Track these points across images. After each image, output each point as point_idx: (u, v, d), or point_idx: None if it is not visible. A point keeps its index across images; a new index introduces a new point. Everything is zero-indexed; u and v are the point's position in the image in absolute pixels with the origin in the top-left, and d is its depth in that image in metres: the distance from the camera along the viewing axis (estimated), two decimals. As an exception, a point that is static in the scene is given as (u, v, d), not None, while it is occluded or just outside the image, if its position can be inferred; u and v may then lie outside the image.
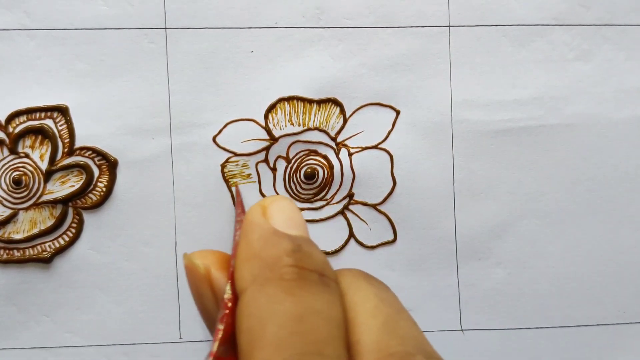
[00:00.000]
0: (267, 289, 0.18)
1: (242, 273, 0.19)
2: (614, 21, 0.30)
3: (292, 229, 0.19)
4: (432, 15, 0.30)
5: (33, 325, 0.29)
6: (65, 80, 0.29)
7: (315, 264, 0.19)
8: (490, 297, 0.31)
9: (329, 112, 0.30)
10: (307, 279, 0.18)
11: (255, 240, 0.19)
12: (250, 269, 0.18)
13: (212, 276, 0.20)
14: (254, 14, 0.29)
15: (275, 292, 0.17)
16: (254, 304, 0.17)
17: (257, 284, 0.18)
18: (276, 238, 0.19)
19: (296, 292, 0.17)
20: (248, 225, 0.20)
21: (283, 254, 0.18)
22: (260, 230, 0.19)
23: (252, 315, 0.17)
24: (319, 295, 0.18)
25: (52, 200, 0.29)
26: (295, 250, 0.18)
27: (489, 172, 0.30)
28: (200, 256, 0.21)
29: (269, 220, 0.20)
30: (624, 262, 0.31)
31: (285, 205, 0.20)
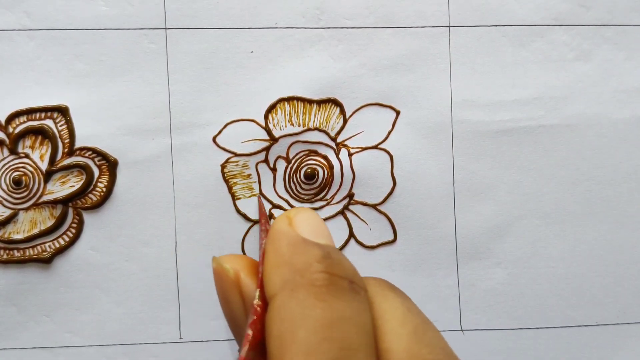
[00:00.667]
0: (297, 294, 0.18)
1: (272, 279, 0.19)
2: (613, 21, 0.30)
3: (319, 238, 0.20)
4: (432, 15, 0.30)
5: (33, 325, 0.29)
6: (65, 80, 0.29)
7: (345, 271, 0.19)
8: (490, 297, 0.31)
9: (329, 112, 0.30)
10: (337, 285, 0.18)
11: (284, 248, 0.19)
12: (280, 275, 0.18)
13: (241, 281, 0.20)
14: (254, 14, 0.29)
15: (306, 297, 0.18)
16: (285, 309, 0.18)
17: (288, 289, 0.18)
18: (305, 245, 0.19)
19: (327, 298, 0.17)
20: (276, 234, 0.20)
21: (313, 260, 0.18)
22: (289, 238, 0.19)
23: (283, 320, 0.17)
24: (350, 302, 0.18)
25: (52, 200, 0.29)
26: (325, 257, 0.19)
27: (489, 172, 0.30)
28: (230, 260, 0.21)
29: (296, 229, 0.20)
30: (624, 262, 0.31)
31: (311, 216, 0.21)
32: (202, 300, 0.30)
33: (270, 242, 0.20)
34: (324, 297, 0.18)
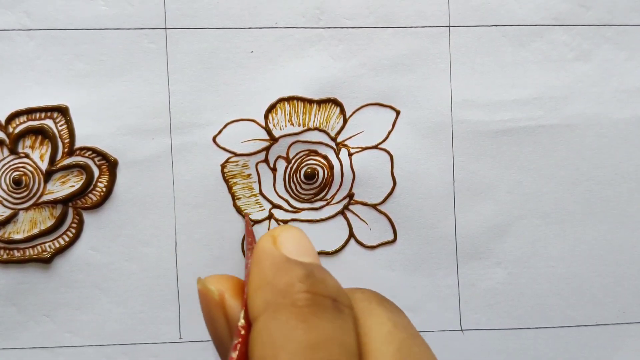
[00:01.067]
0: (279, 316, 0.17)
1: (255, 300, 0.18)
2: (614, 21, 0.30)
3: (303, 256, 0.19)
4: (432, 15, 0.30)
5: (33, 325, 0.29)
6: (65, 80, 0.29)
7: (328, 289, 0.18)
8: (490, 297, 0.31)
9: (329, 112, 0.30)
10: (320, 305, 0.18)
11: (267, 268, 0.19)
12: (262, 296, 0.18)
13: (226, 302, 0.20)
14: (254, 14, 0.29)
15: (288, 318, 0.17)
16: (267, 332, 0.17)
17: (270, 311, 0.18)
18: (288, 265, 0.19)
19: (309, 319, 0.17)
20: (259, 254, 0.20)
21: (295, 280, 0.18)
22: (272, 258, 0.19)
23: (265, 343, 0.17)
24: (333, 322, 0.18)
25: (52, 200, 0.29)
26: (308, 276, 0.18)
27: (489, 172, 0.30)
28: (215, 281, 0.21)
29: (280, 248, 0.19)
30: (624, 262, 0.31)
31: (295, 234, 0.20)
32: (202, 300, 0.30)
33: (254, 262, 0.19)
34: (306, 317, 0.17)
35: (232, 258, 0.30)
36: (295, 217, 0.30)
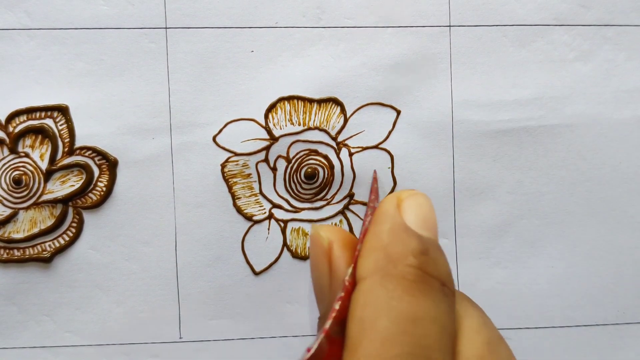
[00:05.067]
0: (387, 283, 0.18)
1: (366, 262, 0.19)
2: (614, 21, 0.30)
3: (423, 230, 0.19)
4: (433, 15, 0.30)
5: (33, 325, 0.29)
6: (65, 80, 0.29)
7: (439, 271, 0.18)
8: (490, 297, 0.31)
9: (329, 111, 0.30)
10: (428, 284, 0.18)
11: (384, 232, 0.19)
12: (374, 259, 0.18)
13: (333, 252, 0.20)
14: (254, 14, 0.29)
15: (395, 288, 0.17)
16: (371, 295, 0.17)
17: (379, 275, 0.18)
18: (406, 235, 0.19)
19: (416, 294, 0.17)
20: (380, 215, 0.19)
21: (409, 253, 0.18)
22: (392, 224, 0.19)
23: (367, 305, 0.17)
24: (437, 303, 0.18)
25: (52, 199, 0.29)
26: (423, 252, 0.18)
27: (489, 172, 0.30)
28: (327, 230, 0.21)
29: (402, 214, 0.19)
30: (623, 262, 0.31)
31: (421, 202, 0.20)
32: (202, 300, 0.30)
33: (374, 222, 0.19)
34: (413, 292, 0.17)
35: (232, 258, 0.30)
36: (296, 217, 0.30)
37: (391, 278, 0.18)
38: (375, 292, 0.17)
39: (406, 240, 0.19)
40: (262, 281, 0.30)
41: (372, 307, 0.17)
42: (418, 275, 0.18)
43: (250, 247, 0.30)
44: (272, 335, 0.30)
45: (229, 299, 0.30)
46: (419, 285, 0.18)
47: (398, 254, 0.18)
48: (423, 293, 0.18)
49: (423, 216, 0.20)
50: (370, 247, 0.19)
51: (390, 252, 0.18)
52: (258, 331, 0.30)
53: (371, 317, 0.17)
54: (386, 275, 0.18)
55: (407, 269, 0.18)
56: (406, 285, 0.18)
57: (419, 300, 0.17)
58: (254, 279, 0.30)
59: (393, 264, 0.18)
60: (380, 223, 0.19)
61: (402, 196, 0.20)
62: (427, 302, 0.17)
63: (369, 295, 0.18)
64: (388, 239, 0.19)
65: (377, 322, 0.17)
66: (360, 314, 0.17)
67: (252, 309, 0.30)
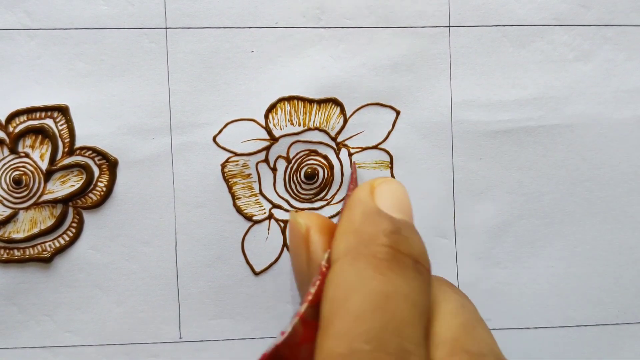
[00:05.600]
0: (358, 263, 0.18)
1: (338, 244, 0.19)
2: (614, 21, 0.30)
3: (396, 212, 0.19)
4: (432, 15, 0.30)
5: (33, 325, 0.29)
6: (65, 80, 0.29)
7: (411, 249, 0.19)
8: (489, 297, 0.31)
9: (329, 112, 0.30)
10: (400, 261, 0.18)
11: (356, 215, 0.19)
12: (346, 241, 0.19)
13: (310, 237, 0.20)
14: (254, 14, 0.29)
15: (365, 267, 0.18)
16: (343, 275, 0.18)
17: (350, 256, 0.18)
18: (377, 217, 0.19)
19: (386, 273, 0.17)
20: (353, 201, 0.20)
21: (381, 233, 0.18)
22: (364, 207, 0.19)
23: (339, 285, 0.17)
24: (410, 280, 0.18)
25: (52, 200, 0.29)
26: (394, 232, 0.18)
27: (489, 172, 0.30)
28: (305, 217, 0.21)
29: (375, 199, 0.20)
30: (623, 262, 0.31)
31: (394, 188, 0.20)
32: (202, 300, 0.30)
33: (347, 207, 0.20)
34: (384, 271, 0.18)
35: (232, 258, 0.30)
36: (296, 217, 0.30)
37: (362, 257, 0.18)
38: (347, 272, 0.18)
39: (377, 221, 0.19)
40: (262, 281, 0.30)
41: (344, 287, 0.17)
42: (389, 253, 0.18)
43: (250, 247, 0.30)
44: (272, 336, 0.30)
45: (229, 299, 0.30)
46: (389, 264, 0.18)
47: (369, 234, 0.18)
48: (394, 271, 0.18)
49: (396, 200, 0.20)
50: (343, 231, 0.19)
51: (361, 233, 0.18)
52: (258, 331, 0.30)
53: (342, 297, 0.17)
54: (357, 255, 0.18)
55: (378, 247, 0.18)
56: (377, 263, 0.18)
57: (389, 278, 0.17)
58: (254, 279, 0.30)
59: (364, 244, 0.18)
60: (353, 207, 0.20)
61: (375, 183, 0.20)
62: (399, 279, 0.18)
63: (340, 276, 0.18)
64: (360, 221, 0.19)
65: (349, 301, 0.17)
66: (332, 293, 0.17)
67: (252, 309, 0.30)
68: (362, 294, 0.17)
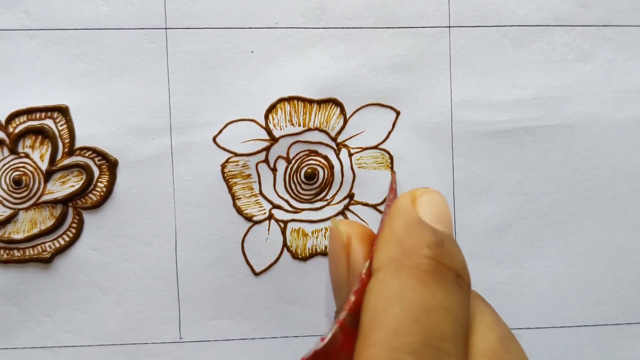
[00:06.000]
0: (400, 274, 0.18)
1: (380, 254, 0.19)
2: (614, 22, 0.30)
3: (438, 224, 0.19)
4: (432, 15, 0.30)
5: (33, 325, 0.29)
6: (65, 80, 0.29)
7: (454, 263, 0.19)
8: (489, 297, 0.30)
9: (329, 112, 0.30)
10: (442, 274, 0.18)
11: (399, 226, 0.19)
12: (388, 251, 0.19)
13: (351, 246, 0.20)
14: (254, 14, 0.29)
15: (408, 278, 0.18)
16: (385, 285, 0.18)
17: (392, 266, 0.18)
18: (420, 227, 0.19)
19: (429, 284, 0.17)
20: (396, 210, 0.20)
21: (424, 244, 0.18)
22: (406, 217, 0.19)
23: (381, 294, 0.17)
24: (451, 294, 0.18)
25: (52, 200, 0.29)
26: (437, 244, 0.18)
27: (489, 172, 0.30)
28: (346, 224, 0.21)
29: (417, 209, 0.20)
30: (623, 262, 0.31)
31: (436, 199, 0.20)
32: (202, 300, 0.30)
33: (389, 217, 0.20)
34: (426, 282, 0.17)
35: (232, 258, 0.30)
36: (296, 218, 0.30)
37: (405, 268, 0.18)
38: (389, 282, 0.18)
39: (421, 233, 0.19)
40: (262, 281, 0.30)
41: (385, 297, 0.17)
42: (432, 265, 0.18)
43: (250, 247, 0.30)
44: (272, 336, 0.30)
45: (229, 299, 0.30)
46: (432, 276, 0.18)
47: (412, 245, 0.18)
48: (437, 283, 0.18)
49: (438, 211, 0.20)
50: (385, 240, 0.19)
51: (404, 244, 0.18)
52: (258, 331, 0.30)
53: (384, 306, 0.17)
54: (400, 266, 0.18)
55: (422, 259, 0.18)
56: (419, 275, 0.18)
57: (432, 290, 0.17)
58: (254, 279, 0.30)
59: (407, 255, 0.18)
60: (395, 217, 0.19)
61: (416, 193, 0.20)
62: (441, 292, 0.17)
63: (382, 285, 0.18)
64: (403, 232, 0.19)
65: (390, 311, 0.17)
66: (373, 303, 0.17)
67: (252, 309, 0.30)
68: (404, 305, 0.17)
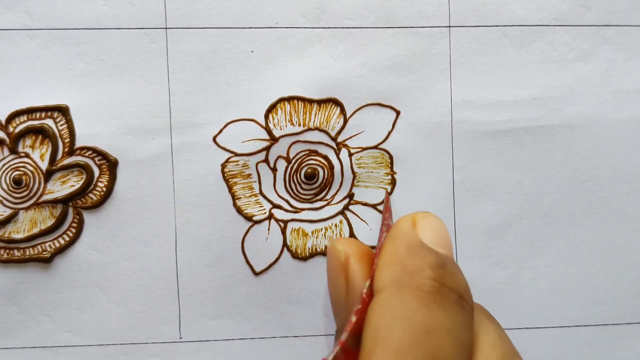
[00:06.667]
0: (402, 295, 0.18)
1: (382, 274, 0.19)
2: (614, 22, 0.30)
3: (439, 247, 0.20)
4: (433, 15, 0.30)
5: (33, 325, 0.29)
6: (65, 80, 0.29)
7: (456, 284, 0.19)
8: (489, 297, 0.31)
9: (329, 112, 0.30)
10: (445, 296, 0.18)
11: (401, 247, 0.19)
12: (391, 271, 0.19)
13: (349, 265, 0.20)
14: (254, 14, 0.29)
15: (410, 299, 0.18)
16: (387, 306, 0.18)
17: (395, 287, 0.18)
18: (422, 250, 0.19)
19: (431, 306, 0.17)
20: (397, 232, 0.20)
21: (426, 266, 0.18)
22: (408, 240, 0.19)
23: (382, 316, 0.17)
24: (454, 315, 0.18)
25: (52, 200, 0.29)
26: (440, 265, 0.19)
27: (488, 172, 0.30)
28: (344, 243, 0.21)
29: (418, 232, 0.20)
30: (623, 262, 0.31)
31: (436, 223, 0.20)
32: (202, 300, 0.30)
33: (390, 239, 0.20)
34: (429, 304, 0.17)
35: (232, 258, 0.30)
36: (296, 217, 0.30)
37: (407, 289, 0.18)
38: (391, 303, 0.18)
39: (423, 254, 0.19)
40: (262, 281, 0.30)
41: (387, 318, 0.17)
42: (434, 287, 0.18)
43: (250, 247, 0.30)
44: (272, 335, 0.30)
45: (229, 299, 0.30)
46: (435, 297, 0.18)
47: (415, 266, 0.18)
48: (439, 304, 0.18)
49: (439, 235, 0.20)
50: (387, 261, 0.19)
51: (406, 265, 0.18)
52: (258, 331, 0.30)
53: (386, 327, 0.17)
54: (402, 287, 0.18)
55: (424, 280, 0.18)
56: (422, 296, 0.18)
57: (434, 311, 0.17)
58: (254, 279, 0.30)
59: (409, 276, 0.18)
60: (397, 238, 0.20)
61: (417, 217, 0.20)
62: (443, 313, 0.17)
63: (385, 306, 0.18)
64: (405, 253, 0.19)
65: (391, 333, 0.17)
66: (375, 324, 0.17)
67: (252, 309, 0.30)
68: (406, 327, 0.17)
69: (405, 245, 0.19)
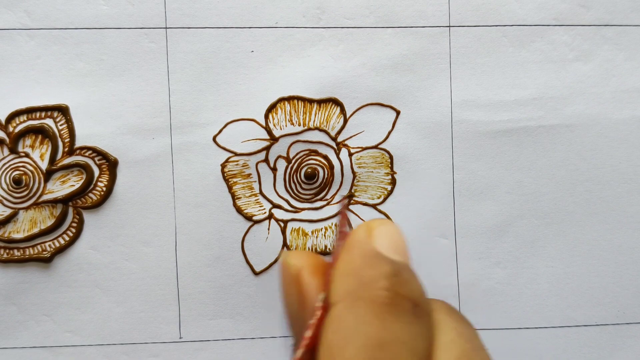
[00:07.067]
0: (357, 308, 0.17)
1: (338, 286, 0.19)
2: (614, 21, 0.30)
3: (394, 254, 0.19)
4: (433, 15, 0.30)
5: (33, 325, 0.29)
6: (65, 80, 0.29)
7: (411, 292, 0.18)
8: (489, 297, 0.31)
9: (329, 112, 0.30)
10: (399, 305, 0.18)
11: (356, 258, 0.19)
12: (345, 284, 0.18)
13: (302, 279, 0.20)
14: (254, 14, 0.29)
15: (365, 312, 0.17)
16: (341, 320, 0.17)
17: (349, 300, 0.18)
18: (377, 260, 0.19)
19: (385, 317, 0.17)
20: (352, 242, 0.20)
21: (380, 276, 0.18)
22: (363, 249, 0.19)
23: (337, 331, 0.17)
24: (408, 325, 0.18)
25: (52, 199, 0.29)
26: (394, 274, 0.18)
27: (488, 172, 0.30)
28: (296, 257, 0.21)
29: (373, 241, 0.19)
30: (623, 262, 0.31)
31: (392, 230, 0.20)
32: (202, 300, 0.30)
33: (346, 249, 0.19)
34: (382, 315, 0.17)
35: (232, 258, 0.30)
36: (296, 217, 0.30)
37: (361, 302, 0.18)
38: (345, 318, 0.17)
39: (377, 264, 0.19)
40: (262, 281, 0.30)
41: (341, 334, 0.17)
42: (388, 297, 0.18)
43: (250, 247, 0.30)
44: (272, 335, 0.30)
45: (229, 299, 0.30)
46: (389, 308, 0.17)
47: (369, 277, 0.18)
48: (393, 315, 0.17)
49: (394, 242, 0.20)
50: (342, 273, 0.19)
51: (362, 276, 0.18)
52: (258, 331, 0.30)
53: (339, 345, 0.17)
54: (357, 300, 0.18)
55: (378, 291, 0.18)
56: (375, 308, 0.17)
57: (387, 323, 0.17)
58: (254, 279, 0.30)
59: (364, 288, 0.18)
60: (351, 249, 0.19)
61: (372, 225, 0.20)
62: (397, 324, 0.17)
63: (339, 321, 0.17)
64: (359, 264, 0.19)
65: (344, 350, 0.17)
66: (329, 340, 0.17)
67: (252, 309, 0.30)
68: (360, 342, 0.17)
69: (359, 255, 0.19)
